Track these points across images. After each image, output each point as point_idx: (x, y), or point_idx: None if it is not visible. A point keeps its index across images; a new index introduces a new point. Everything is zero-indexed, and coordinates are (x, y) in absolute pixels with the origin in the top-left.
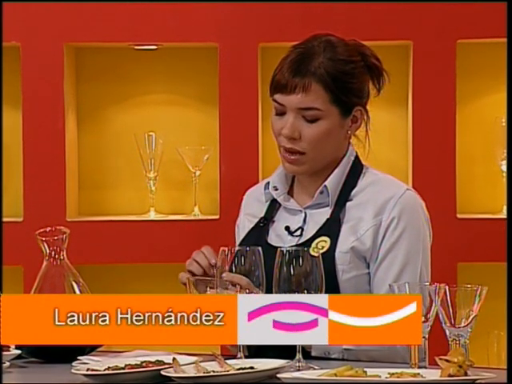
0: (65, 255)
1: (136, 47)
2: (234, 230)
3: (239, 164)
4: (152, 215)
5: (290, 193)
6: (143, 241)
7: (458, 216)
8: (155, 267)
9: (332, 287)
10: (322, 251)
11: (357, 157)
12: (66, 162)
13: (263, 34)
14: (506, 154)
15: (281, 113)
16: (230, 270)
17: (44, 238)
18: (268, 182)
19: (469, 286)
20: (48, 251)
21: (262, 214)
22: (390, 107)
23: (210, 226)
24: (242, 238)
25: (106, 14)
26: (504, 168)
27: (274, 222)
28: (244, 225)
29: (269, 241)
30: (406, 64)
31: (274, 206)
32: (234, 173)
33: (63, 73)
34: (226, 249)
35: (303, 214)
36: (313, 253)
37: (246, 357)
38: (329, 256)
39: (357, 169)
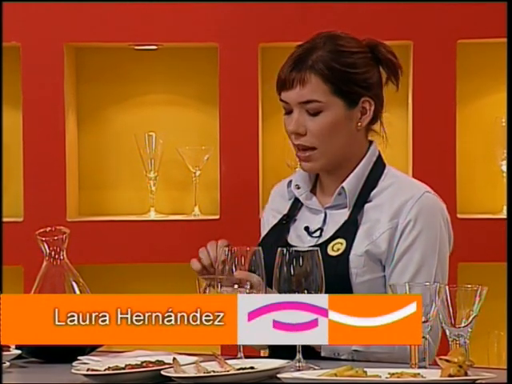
0: (65, 255)
1: (136, 47)
2: (233, 229)
3: (239, 164)
4: (152, 215)
5: (313, 191)
6: (143, 241)
7: (458, 216)
8: (155, 267)
9: (346, 290)
10: (337, 253)
11: (379, 156)
12: (66, 161)
13: (263, 34)
14: (506, 154)
15: (288, 111)
16: (231, 270)
17: (44, 238)
18: (291, 180)
19: (469, 286)
20: (48, 251)
21: (286, 211)
22: (389, 107)
23: (210, 226)
24: (264, 234)
25: (106, 14)
26: (504, 168)
27: (295, 220)
28: (268, 219)
29: (289, 241)
30: (406, 64)
31: (296, 204)
32: (234, 173)
33: (63, 73)
34: (226, 248)
35: (323, 214)
36: (332, 253)
37: (247, 357)
38: (343, 259)
39: (378, 169)
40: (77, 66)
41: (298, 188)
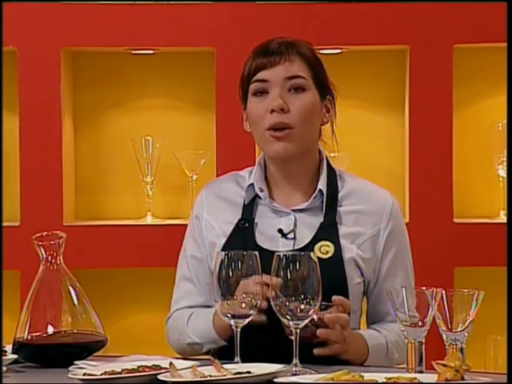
0: (61, 260)
1: (133, 52)
2: None
3: (236, 168)
4: (149, 219)
5: (270, 195)
6: (140, 245)
7: (455, 220)
8: (152, 272)
9: (342, 293)
10: (326, 256)
11: (327, 159)
12: (63, 166)
13: (260, 38)
14: (502, 159)
15: (262, 92)
16: (227, 275)
17: (41, 243)
18: (251, 184)
19: (465, 290)
20: (45, 256)
21: (239, 216)
22: (386, 112)
23: None
24: (223, 242)
25: (103, 19)
26: (501, 172)
27: (256, 223)
28: (210, 224)
29: (259, 243)
30: (402, 69)
31: (251, 206)
32: None
33: (60, 77)
34: (223, 253)
35: (293, 217)
36: (321, 255)
37: (243, 361)
38: (336, 261)
39: (332, 172)
40: (74, 70)
41: (262, 191)
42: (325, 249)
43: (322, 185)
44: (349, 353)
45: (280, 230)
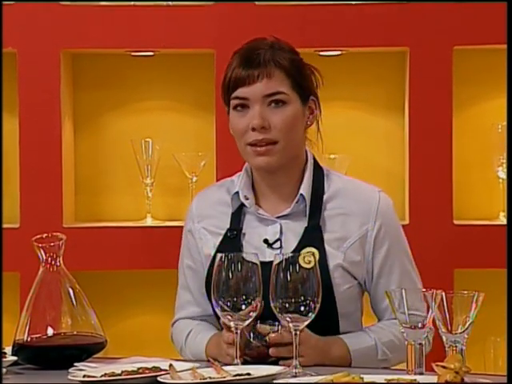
0: (61, 261)
1: (133, 53)
2: None
3: (236, 170)
4: (149, 221)
5: (257, 203)
6: (140, 247)
7: (455, 222)
8: (152, 273)
9: (330, 301)
10: (312, 264)
11: (315, 159)
12: (63, 168)
13: None
14: (502, 161)
15: (242, 108)
16: (227, 276)
17: (40, 245)
18: (237, 192)
19: (465, 292)
20: (44, 257)
21: (228, 225)
22: (386, 113)
23: None
24: (212, 253)
25: (103, 21)
26: (500, 174)
27: (244, 233)
28: (204, 236)
29: (245, 254)
30: (402, 71)
31: (238, 215)
32: None
33: (60, 79)
34: (223, 255)
35: (278, 225)
36: (304, 265)
37: (243, 363)
38: (321, 269)
39: (319, 172)
40: (73, 72)
41: (247, 199)
42: (310, 255)
43: (303, 189)
44: (324, 361)
45: (266, 241)
